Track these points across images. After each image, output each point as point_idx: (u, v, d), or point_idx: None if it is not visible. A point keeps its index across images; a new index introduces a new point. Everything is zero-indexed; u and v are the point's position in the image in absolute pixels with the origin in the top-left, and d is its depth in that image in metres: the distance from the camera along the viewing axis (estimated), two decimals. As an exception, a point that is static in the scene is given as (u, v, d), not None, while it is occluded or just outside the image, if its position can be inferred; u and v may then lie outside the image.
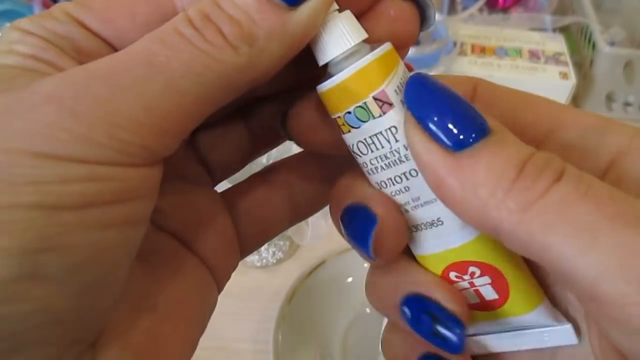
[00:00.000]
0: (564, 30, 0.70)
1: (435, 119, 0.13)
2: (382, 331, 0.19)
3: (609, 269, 0.11)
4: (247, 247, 0.20)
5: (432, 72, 0.60)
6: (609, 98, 0.67)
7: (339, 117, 0.15)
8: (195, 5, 0.14)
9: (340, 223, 0.16)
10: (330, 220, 0.18)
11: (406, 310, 0.16)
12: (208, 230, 0.18)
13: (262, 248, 0.53)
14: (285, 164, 0.21)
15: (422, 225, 0.16)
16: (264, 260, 0.53)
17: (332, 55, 0.15)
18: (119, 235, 0.13)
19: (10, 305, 0.11)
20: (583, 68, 0.68)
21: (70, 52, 0.15)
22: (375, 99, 0.14)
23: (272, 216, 0.20)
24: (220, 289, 0.19)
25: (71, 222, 0.12)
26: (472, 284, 0.16)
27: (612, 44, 0.65)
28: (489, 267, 0.15)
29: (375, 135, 0.15)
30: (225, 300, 0.24)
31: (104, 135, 0.12)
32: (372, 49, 0.15)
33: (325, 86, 0.15)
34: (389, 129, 0.15)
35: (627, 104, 0.67)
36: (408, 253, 0.17)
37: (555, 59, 0.63)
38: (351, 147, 0.16)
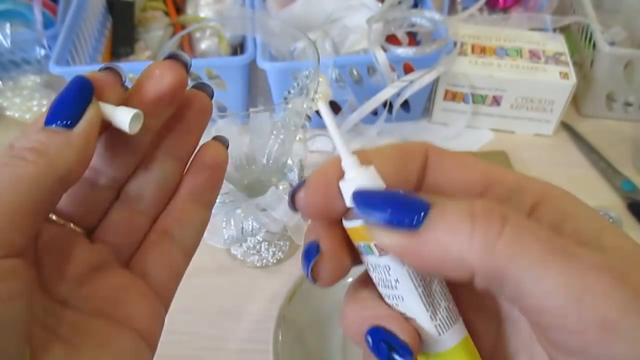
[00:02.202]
0: (564, 30, 0.70)
1: (390, 214, 0.18)
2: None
3: (554, 293, 0.16)
4: (165, 298, 0.24)
5: (433, 73, 0.60)
6: (609, 98, 0.67)
7: (357, 244, 0.20)
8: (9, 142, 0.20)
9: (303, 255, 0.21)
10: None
11: (369, 339, 0.20)
12: (124, 300, 0.22)
13: (262, 248, 0.53)
14: (166, 213, 0.25)
15: None
16: (264, 261, 0.53)
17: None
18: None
19: None
20: (583, 68, 0.68)
21: None
22: (375, 245, 0.19)
23: (172, 264, 0.24)
24: (153, 347, 0.23)
25: None
26: None
27: (612, 43, 0.65)
28: None
29: (376, 265, 0.20)
30: (225, 301, 0.24)
31: None
32: None
33: (348, 224, 0.20)
34: (385, 266, 0.20)
35: (627, 104, 0.67)
36: (370, 290, 0.21)
37: (556, 59, 0.63)
38: (364, 262, 0.21)
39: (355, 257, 0.21)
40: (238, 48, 0.70)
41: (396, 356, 0.19)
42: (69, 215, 0.23)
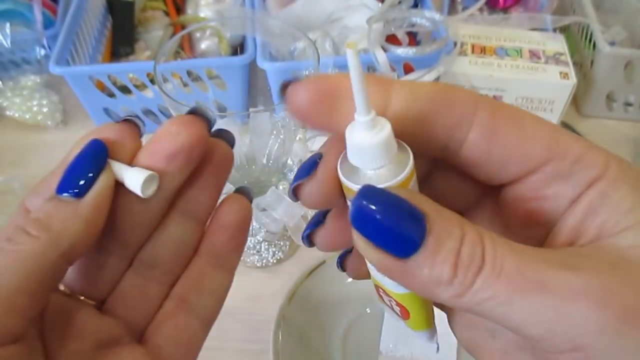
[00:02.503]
0: (564, 30, 0.70)
1: (384, 242, 0.16)
2: (382, 327, 0.23)
3: (524, 324, 0.16)
4: None
5: (433, 73, 0.60)
6: (609, 98, 0.67)
7: (349, 198, 0.18)
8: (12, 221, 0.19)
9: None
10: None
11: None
12: None
13: (262, 248, 0.53)
14: (183, 280, 0.23)
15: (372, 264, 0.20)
16: (264, 261, 0.53)
17: (363, 166, 0.18)
18: None
19: None
20: (583, 68, 0.68)
21: None
22: None
23: (189, 337, 0.23)
24: None
25: None
26: (389, 301, 0.22)
27: (612, 43, 0.65)
28: (403, 307, 0.21)
29: None
30: (226, 301, 0.24)
31: None
32: (396, 174, 0.18)
33: (345, 180, 0.18)
34: None
35: (627, 104, 0.67)
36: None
37: (556, 58, 0.63)
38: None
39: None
40: (238, 48, 0.70)
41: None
42: (78, 286, 0.21)
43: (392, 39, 0.64)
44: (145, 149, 0.20)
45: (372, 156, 0.17)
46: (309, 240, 0.21)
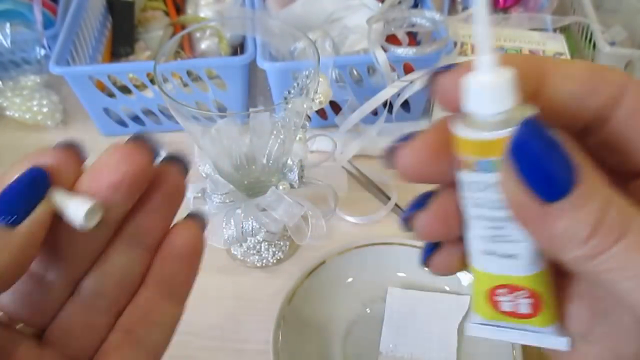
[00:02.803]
0: (564, 30, 0.70)
1: (534, 173, 0.15)
2: (382, 327, 0.22)
3: None
4: None
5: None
6: (609, 98, 0.67)
7: (468, 158, 0.17)
8: None
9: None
10: (330, 221, 0.19)
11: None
12: None
13: (262, 248, 0.53)
14: (130, 310, 0.22)
15: (495, 254, 0.18)
16: (264, 261, 0.53)
17: (486, 110, 0.16)
18: None
19: None
20: (583, 68, 0.68)
21: None
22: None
23: None
24: None
25: None
26: (514, 299, 0.19)
27: (612, 43, 0.65)
28: (536, 294, 0.18)
29: (491, 184, 0.17)
30: (226, 301, 0.24)
31: None
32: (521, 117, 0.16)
33: (467, 133, 0.16)
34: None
35: (627, 104, 0.67)
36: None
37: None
38: (464, 183, 0.18)
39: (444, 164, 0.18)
40: (238, 48, 0.70)
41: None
42: (17, 311, 0.20)
43: (392, 39, 0.64)
44: (87, 178, 0.19)
45: (498, 96, 0.16)
46: (407, 223, 0.20)
